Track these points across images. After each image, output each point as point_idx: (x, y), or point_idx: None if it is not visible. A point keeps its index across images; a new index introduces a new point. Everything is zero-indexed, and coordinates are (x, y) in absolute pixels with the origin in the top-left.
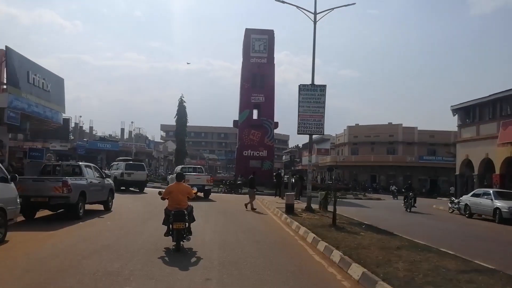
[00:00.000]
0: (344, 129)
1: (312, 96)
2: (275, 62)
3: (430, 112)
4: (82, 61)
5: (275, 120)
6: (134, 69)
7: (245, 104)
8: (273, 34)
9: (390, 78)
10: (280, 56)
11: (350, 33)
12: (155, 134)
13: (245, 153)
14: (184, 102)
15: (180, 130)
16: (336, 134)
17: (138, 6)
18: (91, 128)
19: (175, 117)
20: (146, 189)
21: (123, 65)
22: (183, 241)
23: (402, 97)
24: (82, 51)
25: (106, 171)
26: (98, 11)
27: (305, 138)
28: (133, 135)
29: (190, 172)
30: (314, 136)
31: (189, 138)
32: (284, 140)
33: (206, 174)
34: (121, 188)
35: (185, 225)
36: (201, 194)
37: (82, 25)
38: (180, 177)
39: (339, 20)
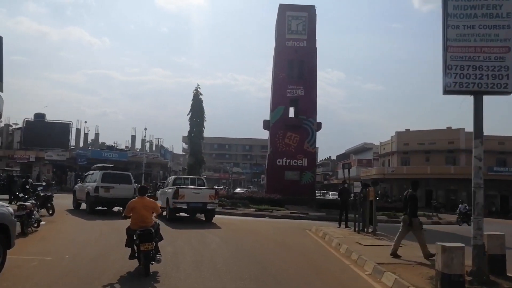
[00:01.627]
0: (392, 136)
1: (482, 5)
2: (317, 46)
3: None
4: (109, 76)
5: (317, 120)
6: (159, 84)
7: (279, 99)
8: (315, 11)
9: (414, 91)
10: None
11: (374, 47)
12: (177, 148)
13: (279, 161)
14: (201, 94)
15: (195, 130)
16: (381, 142)
17: (164, 23)
18: (97, 135)
19: (188, 114)
20: None
21: (149, 80)
22: (152, 263)
23: (428, 111)
24: (109, 66)
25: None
26: (125, 27)
27: (337, 149)
28: (147, 144)
29: (187, 184)
30: (353, 145)
31: (212, 150)
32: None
33: (209, 188)
34: (97, 208)
35: (153, 245)
36: (201, 216)
37: (110, 41)
38: (142, 190)
39: (362, 34)
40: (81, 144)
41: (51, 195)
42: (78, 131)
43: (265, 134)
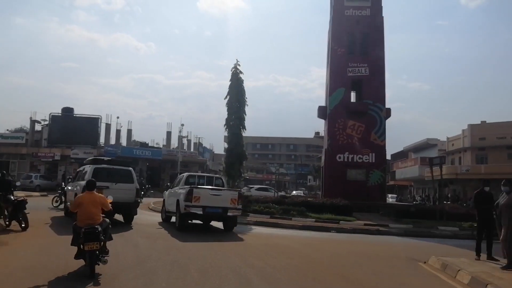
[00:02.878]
0: (463, 130)
1: None
2: (383, 15)
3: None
4: (155, 80)
5: (386, 106)
6: (203, 87)
7: (338, 80)
8: None
9: (461, 90)
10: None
11: (418, 45)
12: (219, 148)
13: (340, 157)
14: (241, 72)
15: (234, 118)
16: (448, 138)
17: (207, 27)
18: (129, 132)
19: (225, 97)
20: (140, 218)
21: (193, 83)
22: (98, 264)
23: (476, 109)
24: (155, 71)
25: None
26: (170, 32)
27: (395, 147)
28: (184, 142)
29: (202, 184)
30: (414, 141)
31: (255, 150)
32: None
33: (230, 189)
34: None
35: (100, 244)
36: (218, 224)
37: (155, 46)
38: (90, 185)
39: (406, 32)
40: (112, 142)
41: (22, 200)
42: (108, 126)
43: (309, 132)
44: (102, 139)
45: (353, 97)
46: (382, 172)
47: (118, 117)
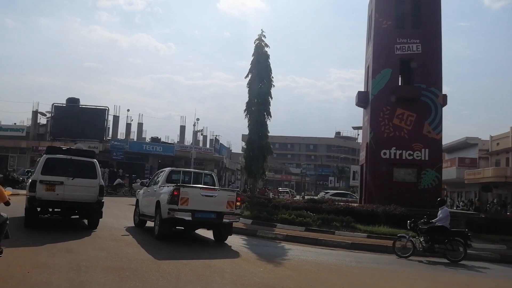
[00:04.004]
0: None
1: None
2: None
3: None
4: (174, 81)
5: (443, 92)
6: (221, 87)
7: (384, 59)
8: None
9: (484, 93)
10: (363, 71)
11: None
12: (236, 148)
13: (385, 154)
14: (267, 46)
15: (256, 102)
16: (492, 136)
17: (227, 28)
18: (140, 126)
19: (247, 76)
20: (106, 221)
21: (211, 84)
22: None
23: (499, 113)
24: (174, 71)
25: None
26: (190, 33)
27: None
28: (199, 138)
29: (187, 182)
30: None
31: (273, 149)
32: None
33: (226, 189)
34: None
35: None
36: (207, 233)
37: (175, 47)
38: None
39: None
40: (120, 136)
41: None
42: (115, 119)
43: (327, 133)
44: (110, 133)
45: (402, 80)
46: (438, 172)
47: (128, 110)
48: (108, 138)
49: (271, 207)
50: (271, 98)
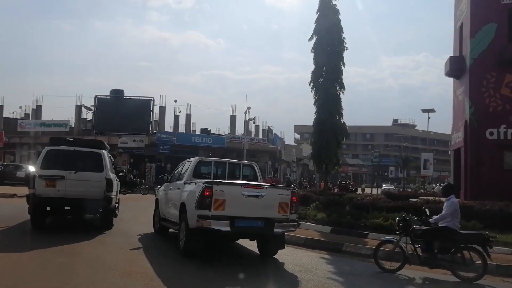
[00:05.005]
0: None
1: None
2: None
3: None
4: (224, 76)
5: None
6: (271, 81)
7: (486, 11)
8: None
9: None
10: (418, 58)
11: None
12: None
13: (491, 133)
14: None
15: (325, 70)
16: None
17: (275, 20)
18: (188, 116)
19: (310, 39)
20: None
21: (261, 77)
22: None
23: None
24: (224, 67)
25: None
26: (238, 28)
27: None
28: (251, 127)
29: (222, 176)
30: None
31: None
32: (446, 140)
33: (277, 186)
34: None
35: None
36: (250, 245)
37: (224, 42)
38: None
39: None
40: (168, 129)
41: None
42: (162, 110)
43: (386, 120)
44: (156, 126)
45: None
46: None
47: (175, 101)
48: (154, 131)
49: (352, 207)
50: (344, 64)
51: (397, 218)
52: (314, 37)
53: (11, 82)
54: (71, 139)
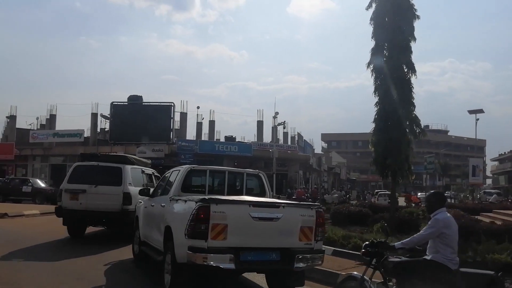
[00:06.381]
0: None
1: None
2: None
3: None
4: (247, 87)
5: None
6: (294, 90)
7: None
8: None
9: None
10: (444, 64)
11: None
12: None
13: None
14: None
15: (390, 48)
16: None
17: (298, 30)
18: (211, 123)
19: (368, 6)
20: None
21: (284, 87)
22: None
23: None
24: (247, 78)
25: None
26: (261, 39)
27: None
28: (279, 134)
29: (220, 190)
30: None
31: (356, 148)
32: (480, 146)
33: (295, 203)
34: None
35: None
36: (257, 278)
37: (247, 54)
38: None
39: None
40: (189, 137)
41: None
42: (183, 117)
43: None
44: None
45: None
46: None
47: (198, 107)
48: (175, 139)
49: None
50: (414, 39)
51: (365, 243)
52: (373, 4)
53: (36, 98)
54: (99, 155)
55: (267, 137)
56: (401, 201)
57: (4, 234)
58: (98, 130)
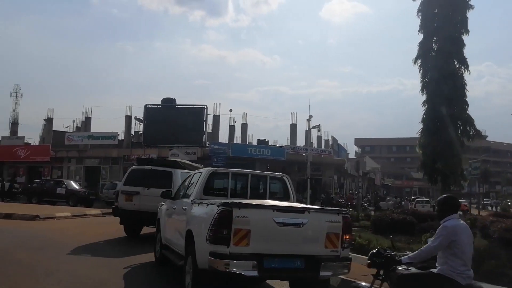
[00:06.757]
0: None
1: None
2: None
3: None
4: (280, 92)
5: None
6: (326, 95)
7: None
8: None
9: None
10: (480, 68)
11: None
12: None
13: None
14: None
15: (439, 37)
16: None
17: (330, 35)
18: (244, 126)
19: None
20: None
21: (316, 92)
22: None
23: None
24: (280, 82)
25: None
26: (294, 43)
27: None
28: (312, 137)
29: (242, 193)
30: None
31: (390, 153)
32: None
33: (323, 208)
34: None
35: None
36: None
37: (280, 58)
38: None
39: None
40: (222, 140)
41: None
42: (216, 119)
43: None
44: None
45: None
46: None
47: (231, 110)
48: (207, 142)
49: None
50: (467, 32)
51: (371, 252)
52: None
53: (72, 102)
54: (153, 160)
55: (300, 141)
56: None
57: (30, 238)
58: (132, 132)
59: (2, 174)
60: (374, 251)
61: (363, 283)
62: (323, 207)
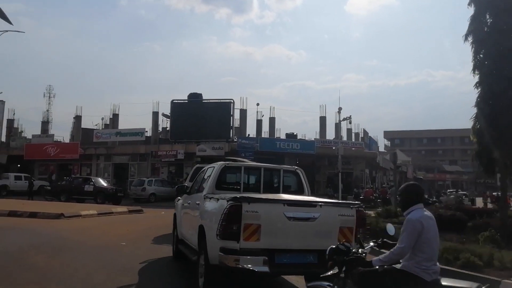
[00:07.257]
0: None
1: None
2: None
3: None
4: (306, 86)
5: None
6: (353, 89)
7: None
8: None
9: None
10: None
11: None
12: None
13: None
14: None
15: (494, 10)
16: None
17: (356, 28)
18: (272, 120)
19: None
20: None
21: (343, 86)
22: None
23: None
24: (306, 77)
25: None
26: (319, 38)
27: None
28: (342, 130)
29: (255, 187)
30: None
31: (420, 145)
32: None
33: (337, 202)
34: None
35: None
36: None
37: (305, 53)
38: None
39: None
40: (250, 133)
41: None
42: (243, 113)
43: None
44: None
45: None
46: None
47: (258, 104)
48: (235, 137)
49: None
50: None
51: (330, 248)
52: None
53: (100, 100)
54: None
55: (329, 135)
56: (478, 202)
57: (50, 239)
58: (160, 129)
59: (33, 173)
60: (333, 246)
61: (325, 283)
62: (336, 201)
